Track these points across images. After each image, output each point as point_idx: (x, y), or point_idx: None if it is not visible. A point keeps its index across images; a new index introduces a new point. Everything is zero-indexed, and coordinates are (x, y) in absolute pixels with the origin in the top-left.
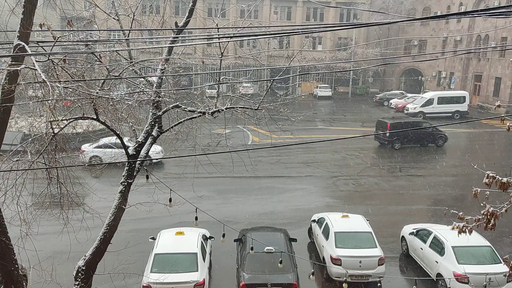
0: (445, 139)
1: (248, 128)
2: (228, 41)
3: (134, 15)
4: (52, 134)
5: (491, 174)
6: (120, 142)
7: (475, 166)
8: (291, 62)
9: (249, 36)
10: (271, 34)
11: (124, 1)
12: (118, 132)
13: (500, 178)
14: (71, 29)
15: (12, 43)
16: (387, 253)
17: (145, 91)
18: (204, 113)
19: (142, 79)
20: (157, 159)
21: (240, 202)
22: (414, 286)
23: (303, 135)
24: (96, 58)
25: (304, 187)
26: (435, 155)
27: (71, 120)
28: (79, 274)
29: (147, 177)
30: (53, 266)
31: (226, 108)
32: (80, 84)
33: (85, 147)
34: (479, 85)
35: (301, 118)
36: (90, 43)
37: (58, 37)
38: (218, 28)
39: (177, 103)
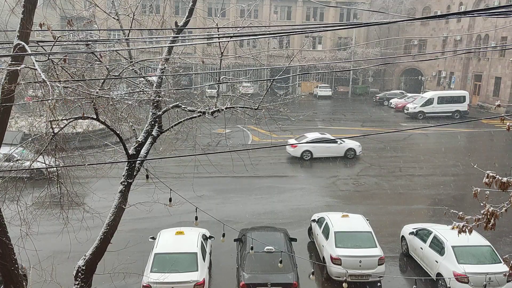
0: None
1: (248, 128)
2: (228, 41)
3: (134, 15)
4: (52, 134)
5: (491, 174)
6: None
7: (475, 166)
8: (291, 61)
9: (249, 36)
10: (271, 34)
11: (124, 0)
12: (118, 132)
13: (500, 178)
14: (71, 28)
15: (12, 43)
16: (387, 253)
17: (145, 91)
18: (204, 112)
19: (142, 78)
20: (155, 158)
21: (240, 202)
22: (414, 286)
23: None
24: (96, 58)
25: (304, 187)
26: None
27: (71, 120)
28: (79, 274)
29: (147, 176)
30: (53, 266)
31: (226, 108)
32: (80, 83)
33: (293, 141)
34: (479, 84)
35: (301, 118)
36: (90, 42)
37: (58, 37)
38: (218, 28)
39: (177, 103)
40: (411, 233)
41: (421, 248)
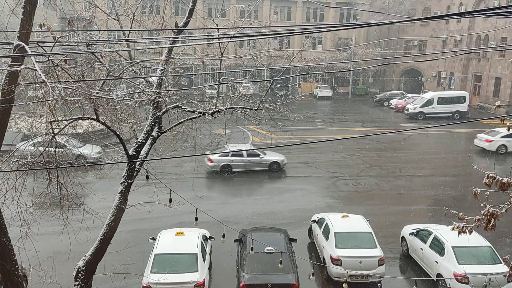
0: None
1: (248, 129)
2: (228, 42)
3: (134, 16)
4: (52, 134)
5: (491, 174)
6: None
7: (475, 166)
8: (291, 62)
9: (249, 36)
10: (271, 34)
11: (124, 1)
12: (118, 133)
13: (500, 178)
14: (71, 29)
15: (12, 44)
16: (387, 253)
17: (145, 92)
18: (204, 113)
19: (142, 79)
20: (155, 159)
21: (240, 202)
22: (414, 286)
23: (303, 135)
24: (96, 59)
25: (304, 187)
26: None
27: (71, 120)
28: (79, 275)
29: (147, 177)
30: (53, 266)
31: (226, 109)
32: (80, 84)
33: (486, 136)
34: (479, 85)
35: (301, 119)
36: (90, 43)
37: (58, 38)
38: (218, 29)
39: (177, 104)
40: (411, 233)
41: (421, 248)
